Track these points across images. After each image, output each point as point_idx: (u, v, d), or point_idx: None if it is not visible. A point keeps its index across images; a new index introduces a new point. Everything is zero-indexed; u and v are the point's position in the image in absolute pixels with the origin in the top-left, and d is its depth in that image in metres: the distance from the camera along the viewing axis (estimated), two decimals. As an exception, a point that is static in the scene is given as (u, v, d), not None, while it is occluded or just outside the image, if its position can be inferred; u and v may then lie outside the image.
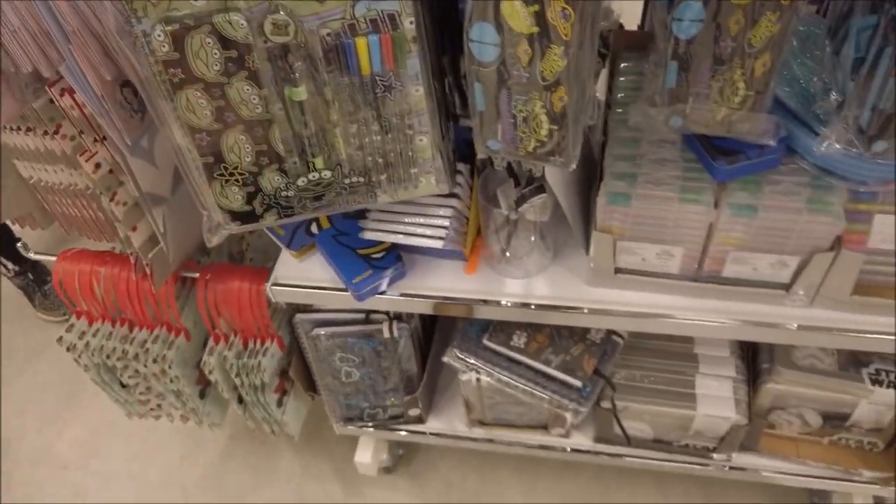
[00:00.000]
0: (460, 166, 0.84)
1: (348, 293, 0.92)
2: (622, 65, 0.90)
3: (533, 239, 0.90)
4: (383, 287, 0.91)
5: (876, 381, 1.02)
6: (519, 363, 1.03)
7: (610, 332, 1.06)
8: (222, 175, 0.66)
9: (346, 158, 0.68)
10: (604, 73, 0.92)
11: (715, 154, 0.75)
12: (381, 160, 0.69)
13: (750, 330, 0.85)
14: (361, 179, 0.69)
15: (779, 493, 1.41)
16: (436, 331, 1.25)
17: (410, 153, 0.69)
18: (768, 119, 0.69)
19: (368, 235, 0.84)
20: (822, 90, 0.71)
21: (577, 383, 0.99)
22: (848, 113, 0.64)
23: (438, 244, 0.80)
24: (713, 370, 1.10)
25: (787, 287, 0.83)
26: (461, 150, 0.84)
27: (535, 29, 0.56)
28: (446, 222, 0.81)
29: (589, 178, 0.90)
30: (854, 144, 0.65)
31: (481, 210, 0.88)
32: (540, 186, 0.80)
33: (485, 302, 0.90)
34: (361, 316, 1.12)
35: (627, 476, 1.47)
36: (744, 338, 0.86)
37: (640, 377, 1.11)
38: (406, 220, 0.83)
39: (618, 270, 0.87)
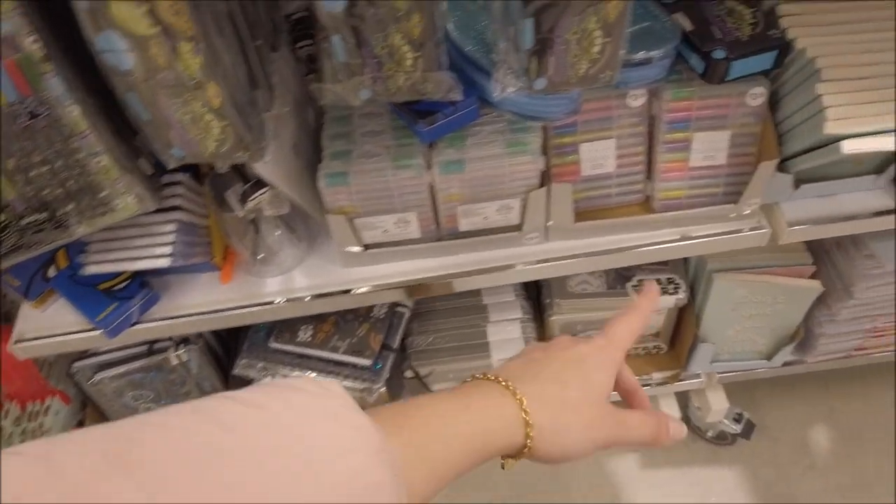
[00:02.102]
0: (178, 176, 0.81)
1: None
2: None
3: (279, 234, 0.89)
4: (135, 318, 0.87)
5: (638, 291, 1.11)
6: (309, 357, 1.02)
7: (394, 305, 1.08)
8: None
9: (16, 197, 0.63)
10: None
11: (415, 118, 0.77)
12: (59, 191, 0.65)
13: (498, 275, 0.89)
14: (43, 216, 0.65)
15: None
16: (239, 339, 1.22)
17: (90, 178, 0.65)
18: (445, 76, 0.71)
19: (91, 270, 0.79)
20: (496, 38, 0.75)
21: (367, 362, 1.00)
22: (507, 56, 0.68)
23: (165, 262, 0.77)
24: (502, 316, 1.15)
25: (519, 228, 0.87)
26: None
27: (155, 29, 0.54)
28: (171, 238, 0.78)
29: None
30: (520, 86, 0.69)
31: (218, 217, 0.85)
32: (261, 181, 0.79)
33: (246, 307, 0.88)
34: (144, 349, 1.07)
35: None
36: (495, 283, 0.89)
37: (435, 339, 1.14)
38: (130, 244, 0.79)
39: (367, 246, 0.88)
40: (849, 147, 0.70)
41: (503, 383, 0.42)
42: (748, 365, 1.20)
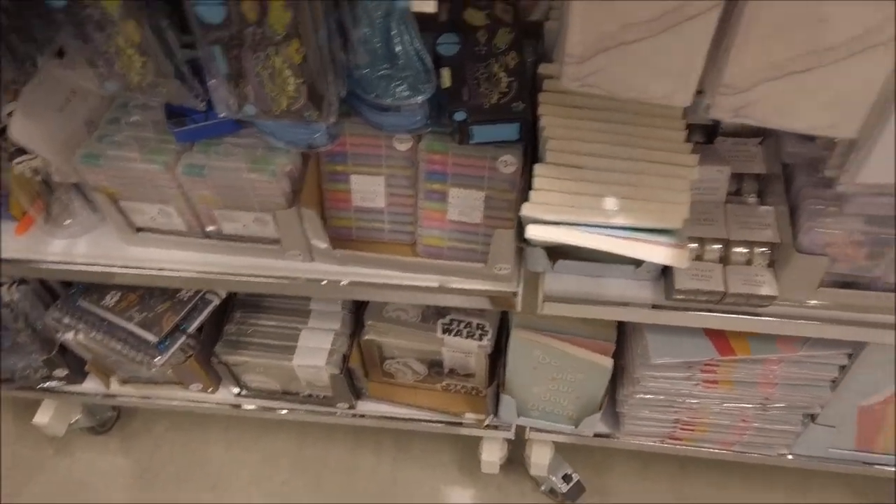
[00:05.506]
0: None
1: None
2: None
3: (70, 200, 0.94)
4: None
5: (447, 331, 1.11)
6: (108, 322, 1.08)
7: (205, 292, 1.12)
8: None
9: None
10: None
11: (169, 118, 0.80)
12: None
13: (256, 283, 0.92)
14: None
15: (458, 443, 1.51)
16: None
17: None
18: (181, 86, 0.74)
19: None
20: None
21: (153, 338, 1.05)
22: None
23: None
24: (320, 324, 1.18)
25: (278, 242, 0.90)
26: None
27: None
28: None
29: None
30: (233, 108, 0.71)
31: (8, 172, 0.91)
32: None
33: (24, 262, 0.94)
34: (-18, 277, 1.15)
35: (324, 432, 1.54)
36: (253, 290, 0.92)
37: (250, 332, 1.18)
38: None
39: (140, 229, 0.92)
40: (531, 232, 0.69)
41: None
42: (557, 427, 1.19)
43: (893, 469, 1.15)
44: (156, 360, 1.05)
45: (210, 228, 0.90)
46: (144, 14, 0.68)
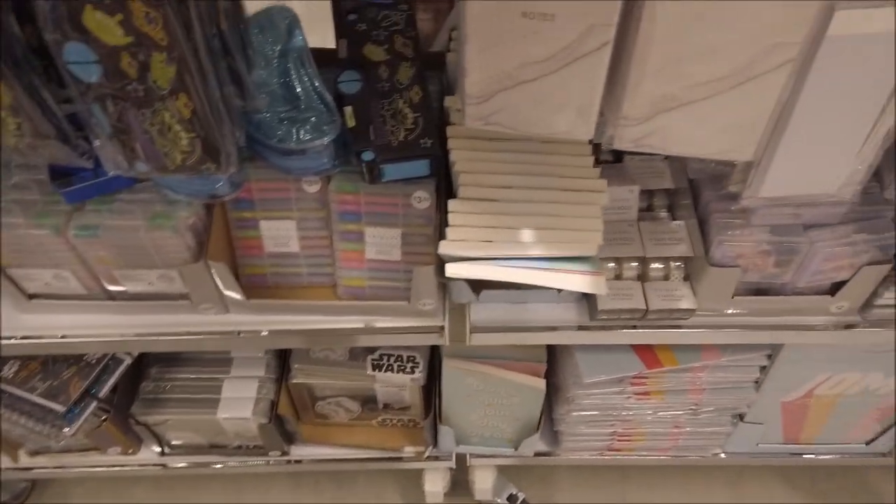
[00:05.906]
0: None
1: None
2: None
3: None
4: None
5: (377, 367, 1.08)
6: (8, 394, 1.00)
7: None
8: None
9: None
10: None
11: (54, 177, 0.75)
12: None
13: (168, 342, 0.87)
14: None
15: (400, 474, 1.48)
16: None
17: None
18: (63, 146, 0.69)
19: None
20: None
21: (60, 408, 0.97)
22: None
23: None
24: (243, 371, 1.13)
25: (187, 297, 0.85)
26: None
27: None
28: None
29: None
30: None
31: None
32: None
33: None
34: None
35: (261, 478, 1.48)
36: (166, 349, 0.87)
37: (169, 388, 1.11)
38: None
39: (33, 295, 0.86)
40: (450, 270, 0.68)
41: None
42: (497, 451, 1.18)
43: (822, 457, 1.20)
44: (64, 430, 0.98)
45: (113, 289, 0.84)
46: (12, 73, 0.63)
